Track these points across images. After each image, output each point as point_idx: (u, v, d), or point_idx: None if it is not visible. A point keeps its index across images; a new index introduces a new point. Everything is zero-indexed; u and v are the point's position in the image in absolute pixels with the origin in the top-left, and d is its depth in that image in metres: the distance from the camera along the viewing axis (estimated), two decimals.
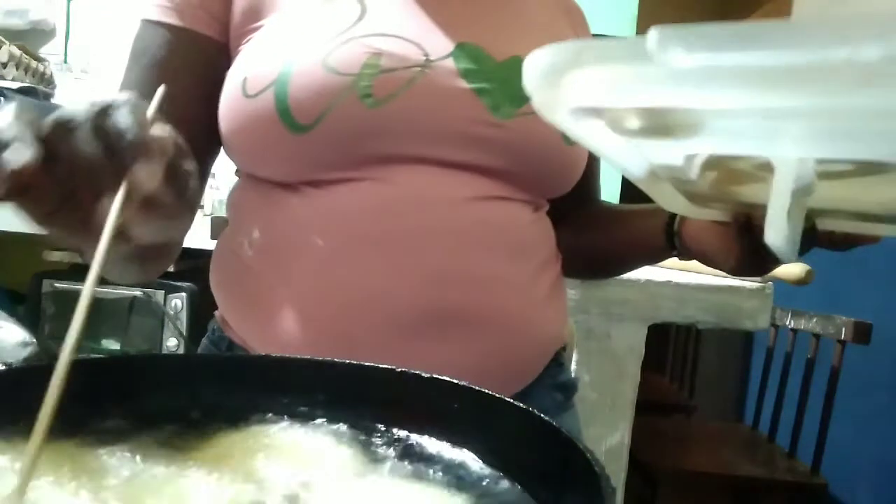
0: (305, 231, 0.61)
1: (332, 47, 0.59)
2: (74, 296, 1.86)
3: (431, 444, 0.40)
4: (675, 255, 0.69)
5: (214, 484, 0.34)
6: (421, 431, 0.40)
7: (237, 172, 0.71)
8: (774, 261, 0.57)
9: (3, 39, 1.91)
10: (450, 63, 0.62)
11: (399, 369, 0.42)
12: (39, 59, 2.07)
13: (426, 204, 0.60)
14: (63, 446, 0.35)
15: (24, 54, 1.98)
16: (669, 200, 0.49)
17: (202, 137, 0.66)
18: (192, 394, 0.42)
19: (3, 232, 1.70)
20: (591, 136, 0.35)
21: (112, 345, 1.73)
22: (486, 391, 0.39)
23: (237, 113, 0.61)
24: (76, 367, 0.31)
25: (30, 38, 2.11)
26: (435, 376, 0.41)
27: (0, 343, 0.87)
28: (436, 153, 0.61)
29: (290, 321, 0.61)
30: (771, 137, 0.31)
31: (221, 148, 0.69)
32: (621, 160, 0.38)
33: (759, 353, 2.76)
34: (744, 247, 0.56)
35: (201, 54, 0.65)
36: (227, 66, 0.65)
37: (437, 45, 0.62)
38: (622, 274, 0.91)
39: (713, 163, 0.39)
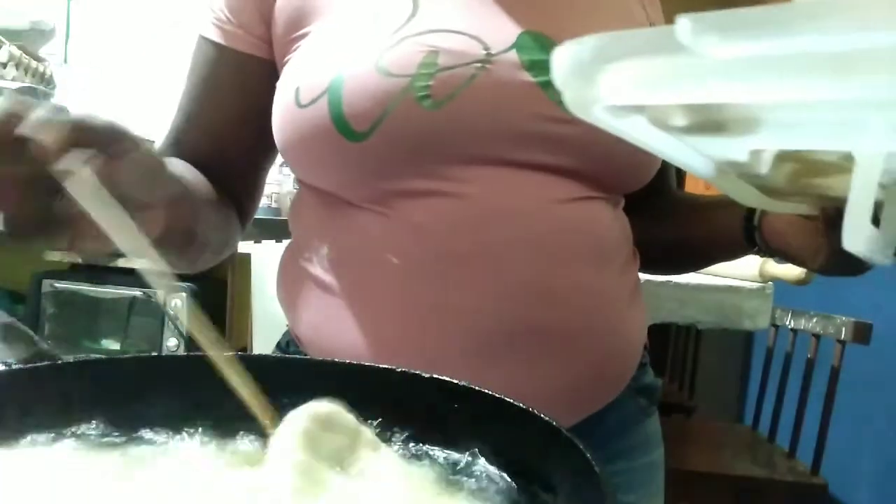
0: (379, 249, 0.58)
1: (384, 48, 0.56)
2: (74, 296, 1.85)
3: (431, 445, 0.40)
4: (756, 253, 0.65)
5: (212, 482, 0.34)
6: (421, 431, 0.40)
7: (297, 182, 0.69)
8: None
9: (3, 39, 1.91)
10: (512, 56, 0.57)
11: (399, 369, 0.42)
12: (39, 59, 2.06)
13: (503, 214, 0.57)
14: None
15: (24, 54, 1.97)
16: (742, 195, 0.43)
17: (247, 155, 0.68)
18: (192, 393, 0.42)
19: (4, 232, 1.70)
20: (636, 133, 0.31)
21: (112, 345, 1.73)
22: (487, 391, 0.39)
23: (292, 124, 0.59)
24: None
25: (30, 38, 2.11)
26: (435, 376, 0.41)
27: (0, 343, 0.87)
28: (504, 154, 0.57)
29: (368, 342, 0.59)
30: (850, 129, 0.26)
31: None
32: (681, 158, 0.34)
33: (759, 353, 2.76)
34: (835, 244, 0.51)
35: (244, 74, 0.65)
36: (275, 82, 0.63)
37: (498, 36, 0.58)
38: (701, 269, 0.87)
39: (788, 155, 0.35)
